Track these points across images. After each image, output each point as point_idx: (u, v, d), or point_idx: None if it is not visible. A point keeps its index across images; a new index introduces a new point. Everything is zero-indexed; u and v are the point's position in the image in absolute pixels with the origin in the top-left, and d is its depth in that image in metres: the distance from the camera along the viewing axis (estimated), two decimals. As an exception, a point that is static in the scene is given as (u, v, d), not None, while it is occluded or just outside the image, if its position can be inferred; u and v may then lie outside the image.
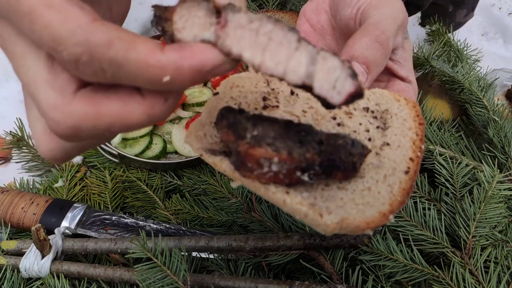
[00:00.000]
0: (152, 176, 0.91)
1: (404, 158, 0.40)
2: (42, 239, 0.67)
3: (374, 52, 0.47)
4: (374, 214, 0.35)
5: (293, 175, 0.35)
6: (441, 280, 0.59)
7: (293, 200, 0.35)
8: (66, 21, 0.27)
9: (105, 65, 0.28)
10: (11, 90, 1.11)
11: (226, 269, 0.68)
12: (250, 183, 0.36)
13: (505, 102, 1.00)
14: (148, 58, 0.28)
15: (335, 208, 0.36)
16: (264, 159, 0.35)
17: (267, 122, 0.37)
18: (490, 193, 0.64)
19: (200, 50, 0.30)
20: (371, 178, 0.39)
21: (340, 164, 0.36)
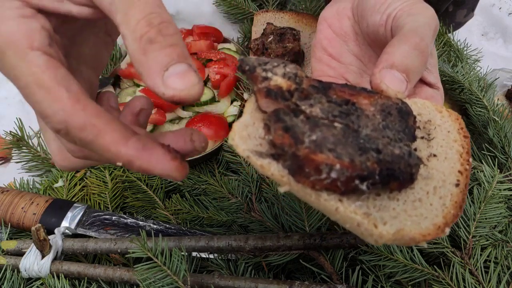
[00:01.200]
0: (152, 176, 0.91)
1: (452, 170, 0.40)
2: (42, 239, 0.67)
3: (414, 59, 0.46)
4: (429, 226, 0.35)
5: (351, 183, 0.34)
6: (441, 280, 0.59)
7: (346, 208, 0.34)
8: (52, 102, 0.33)
9: (77, 140, 0.35)
10: (11, 90, 1.11)
11: (226, 269, 0.68)
12: (302, 189, 0.35)
13: (505, 102, 1.00)
14: (110, 147, 0.35)
15: (389, 219, 0.35)
16: (325, 165, 0.34)
17: (325, 127, 0.36)
18: (490, 193, 0.64)
19: (156, 160, 0.36)
20: (421, 189, 0.38)
21: (399, 174, 0.35)
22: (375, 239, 0.34)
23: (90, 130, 0.34)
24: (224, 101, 1.00)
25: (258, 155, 0.36)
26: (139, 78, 1.02)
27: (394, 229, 0.34)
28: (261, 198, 0.80)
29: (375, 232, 0.34)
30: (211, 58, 1.05)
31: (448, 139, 0.43)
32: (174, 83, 0.34)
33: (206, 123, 0.92)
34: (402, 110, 0.42)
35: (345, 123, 0.38)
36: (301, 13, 1.12)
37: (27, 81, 0.34)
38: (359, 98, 0.42)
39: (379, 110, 0.41)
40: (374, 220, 0.34)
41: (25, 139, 0.95)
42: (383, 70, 0.45)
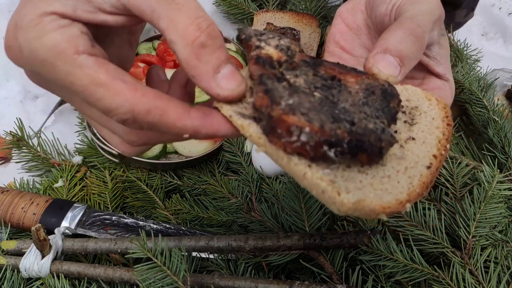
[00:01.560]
0: (152, 176, 0.91)
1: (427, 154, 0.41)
2: (42, 239, 0.67)
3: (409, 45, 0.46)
4: (391, 200, 0.36)
5: (320, 148, 0.36)
6: (441, 280, 0.59)
7: (314, 174, 0.35)
8: (115, 96, 0.35)
9: (144, 125, 0.37)
10: (11, 90, 1.11)
11: (226, 269, 0.68)
12: (274, 150, 0.37)
13: (505, 102, 1.00)
14: (176, 122, 0.37)
15: (353, 189, 0.36)
16: (295, 127, 0.35)
17: (304, 94, 0.38)
18: (490, 193, 0.64)
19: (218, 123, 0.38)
20: (392, 168, 0.39)
21: (367, 146, 0.37)
22: (338, 207, 0.35)
23: (155, 113, 0.36)
24: (224, 101, 1.00)
25: (240, 115, 0.39)
26: (139, 77, 1.02)
27: (355, 199, 0.35)
28: (261, 198, 0.80)
29: (337, 200, 0.35)
30: (211, 58, 1.05)
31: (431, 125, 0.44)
32: (227, 84, 0.38)
33: (206, 123, 0.92)
34: (386, 91, 0.43)
35: (325, 95, 0.40)
36: (301, 13, 1.12)
37: (84, 84, 0.35)
38: (346, 76, 0.44)
39: (363, 89, 0.43)
40: (338, 188, 0.35)
41: (25, 139, 0.95)
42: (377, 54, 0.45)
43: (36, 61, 0.36)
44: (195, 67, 0.37)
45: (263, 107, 0.37)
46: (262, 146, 0.38)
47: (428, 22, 0.49)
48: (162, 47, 1.07)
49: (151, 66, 0.48)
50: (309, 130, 0.35)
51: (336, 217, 0.71)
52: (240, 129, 0.38)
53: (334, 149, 0.36)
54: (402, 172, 0.39)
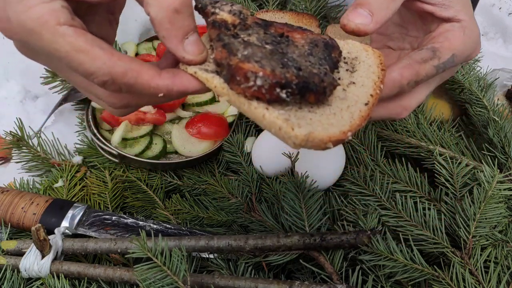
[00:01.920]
0: (152, 176, 0.91)
1: (365, 94, 0.48)
2: (42, 239, 0.67)
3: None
4: (336, 131, 0.43)
5: (273, 91, 0.42)
6: (441, 280, 0.59)
7: (271, 114, 0.42)
8: (94, 60, 0.40)
9: (122, 86, 0.42)
10: (11, 90, 1.11)
11: (226, 269, 0.68)
12: (237, 98, 0.43)
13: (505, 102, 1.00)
14: (150, 83, 0.42)
15: (304, 125, 0.42)
16: (251, 72, 0.42)
17: (256, 47, 0.45)
18: (490, 193, 0.64)
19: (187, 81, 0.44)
20: (337, 107, 0.46)
21: (313, 86, 0.43)
22: (293, 140, 0.41)
23: (130, 74, 0.41)
24: (224, 101, 1.00)
25: (204, 71, 0.45)
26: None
27: (306, 131, 0.41)
28: (261, 198, 0.80)
29: (292, 134, 0.41)
30: (211, 58, 1.05)
31: (368, 71, 0.51)
32: (192, 49, 0.44)
33: (206, 123, 0.92)
34: (328, 43, 0.50)
35: (274, 47, 0.46)
36: (301, 13, 1.12)
37: (66, 50, 0.40)
38: (293, 33, 0.51)
39: (308, 43, 0.49)
40: (292, 124, 0.41)
41: (25, 139, 0.95)
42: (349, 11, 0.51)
43: (24, 31, 0.40)
44: (166, 29, 0.42)
45: (222, 59, 0.44)
46: (226, 95, 0.44)
47: None
48: (162, 47, 1.07)
49: None
50: (262, 74, 0.42)
51: (336, 217, 0.71)
52: (205, 82, 0.45)
53: (285, 91, 0.42)
54: (345, 109, 0.46)
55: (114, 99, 0.46)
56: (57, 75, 1.04)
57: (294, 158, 0.76)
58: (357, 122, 0.45)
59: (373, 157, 0.78)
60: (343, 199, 0.72)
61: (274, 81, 0.42)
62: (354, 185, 0.74)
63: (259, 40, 0.47)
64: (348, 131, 0.43)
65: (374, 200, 0.70)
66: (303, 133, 0.41)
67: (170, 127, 0.96)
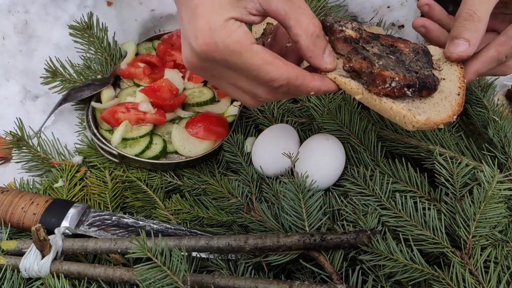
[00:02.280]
0: (152, 176, 0.91)
1: (455, 86, 0.65)
2: (42, 239, 0.67)
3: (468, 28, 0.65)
4: (445, 116, 0.59)
5: (402, 90, 0.58)
6: (441, 280, 0.59)
7: (397, 106, 0.58)
8: (278, 69, 0.53)
9: (291, 87, 0.56)
10: (11, 90, 1.11)
11: (226, 269, 0.68)
12: (369, 95, 0.59)
13: (505, 102, 1.00)
14: (309, 84, 0.57)
15: (422, 112, 0.58)
16: (389, 78, 0.57)
17: (386, 57, 0.60)
18: (490, 193, 0.64)
19: (328, 83, 0.60)
20: (438, 98, 0.62)
21: (429, 85, 0.60)
22: (413, 124, 0.57)
23: (300, 78, 0.55)
24: (224, 101, 1.00)
25: (342, 76, 0.60)
26: (139, 77, 1.03)
27: (425, 117, 0.57)
28: (261, 198, 0.80)
29: (414, 120, 0.57)
30: (211, 58, 1.05)
31: (451, 69, 0.67)
32: (329, 61, 0.60)
33: (206, 123, 0.92)
34: (425, 50, 0.67)
35: (395, 57, 0.62)
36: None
37: (259, 63, 0.52)
38: (398, 43, 0.67)
39: (412, 51, 0.66)
40: (414, 113, 0.57)
41: (25, 139, 0.95)
42: (447, 45, 0.68)
43: (228, 51, 0.51)
44: (312, 51, 0.57)
45: (363, 68, 0.59)
46: (360, 94, 0.60)
47: (479, 2, 0.65)
48: (162, 47, 1.07)
49: (277, 25, 0.63)
50: (398, 79, 0.57)
51: (336, 217, 0.71)
52: (343, 84, 0.60)
53: (411, 89, 0.58)
54: (444, 99, 0.62)
55: (271, 96, 0.58)
56: (56, 75, 1.04)
57: (294, 158, 0.76)
58: (456, 108, 0.61)
59: (373, 157, 0.78)
60: (343, 199, 0.72)
61: (405, 83, 0.58)
62: (354, 185, 0.74)
63: (380, 51, 0.62)
64: (453, 115, 0.60)
65: (374, 200, 0.70)
66: (423, 118, 0.57)
67: (170, 127, 0.96)
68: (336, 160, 0.76)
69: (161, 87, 0.98)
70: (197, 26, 0.51)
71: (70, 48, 1.08)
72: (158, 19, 1.20)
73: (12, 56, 1.09)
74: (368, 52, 0.61)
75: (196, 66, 0.55)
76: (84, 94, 1.00)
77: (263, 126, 0.91)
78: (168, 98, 0.96)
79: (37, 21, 1.09)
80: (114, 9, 1.16)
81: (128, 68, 1.03)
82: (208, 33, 0.50)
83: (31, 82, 1.10)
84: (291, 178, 0.74)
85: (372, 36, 0.66)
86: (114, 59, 1.08)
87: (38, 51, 1.09)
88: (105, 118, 0.94)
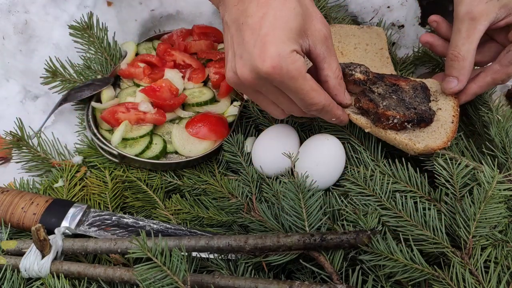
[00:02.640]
0: (152, 176, 0.91)
1: (449, 115, 0.76)
2: (42, 239, 0.67)
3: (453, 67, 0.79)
4: (441, 142, 0.71)
5: (403, 124, 0.71)
6: (441, 280, 0.59)
7: (400, 137, 0.71)
8: (319, 96, 0.65)
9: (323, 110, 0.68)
10: (11, 90, 1.11)
11: (226, 269, 0.68)
12: (377, 130, 0.73)
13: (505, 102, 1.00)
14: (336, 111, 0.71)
15: (421, 140, 0.71)
16: (392, 116, 0.70)
17: (389, 98, 0.73)
18: (490, 193, 0.64)
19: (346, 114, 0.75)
20: (435, 126, 0.74)
21: (426, 119, 0.72)
22: (414, 151, 0.70)
23: (331, 106, 0.68)
24: (224, 101, 1.00)
25: (353, 113, 0.75)
26: (139, 77, 1.03)
27: (423, 145, 0.70)
28: (261, 198, 0.80)
29: (415, 147, 0.70)
30: (211, 58, 1.05)
31: (446, 99, 0.80)
32: (348, 98, 0.74)
33: (206, 123, 0.92)
34: (423, 86, 0.78)
35: (396, 96, 0.74)
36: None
37: (307, 89, 0.63)
38: (400, 82, 0.78)
39: (411, 88, 0.77)
40: (414, 142, 0.70)
41: (25, 139, 0.95)
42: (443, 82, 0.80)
43: (288, 76, 0.61)
44: (338, 89, 0.70)
45: (370, 108, 0.72)
46: (369, 128, 0.73)
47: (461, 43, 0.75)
48: (162, 47, 1.07)
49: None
50: (399, 117, 0.70)
51: (336, 217, 0.71)
52: (354, 120, 0.74)
53: (410, 124, 0.71)
54: (440, 127, 0.74)
55: (302, 114, 0.70)
56: (56, 75, 1.04)
57: (294, 158, 0.76)
58: (450, 134, 0.73)
59: (373, 158, 0.78)
60: (343, 199, 0.72)
61: (404, 119, 0.70)
62: (354, 185, 0.74)
63: (384, 90, 0.75)
64: (447, 140, 0.72)
65: (374, 200, 0.70)
66: (422, 146, 0.70)
67: (170, 127, 0.96)
68: (336, 160, 0.76)
69: (161, 87, 0.98)
70: (267, 52, 0.60)
71: (70, 48, 1.08)
72: (158, 19, 1.20)
73: (12, 56, 1.09)
74: (374, 94, 0.73)
75: (247, 82, 0.64)
76: (84, 94, 1.00)
77: (263, 126, 0.91)
78: (168, 98, 0.96)
79: (37, 21, 1.09)
80: (114, 9, 1.16)
81: (128, 68, 1.03)
82: (277, 59, 0.59)
83: (31, 82, 1.10)
84: (291, 178, 0.74)
85: (377, 77, 0.77)
86: (114, 59, 1.08)
87: (38, 51, 1.09)
88: (105, 118, 0.94)
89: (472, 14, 0.73)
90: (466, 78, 0.77)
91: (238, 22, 0.63)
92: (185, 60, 1.05)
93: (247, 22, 0.62)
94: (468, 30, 0.74)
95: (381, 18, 1.14)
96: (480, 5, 0.73)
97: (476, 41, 0.74)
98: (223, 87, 0.99)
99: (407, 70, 1.03)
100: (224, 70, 1.01)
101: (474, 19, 0.73)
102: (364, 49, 0.95)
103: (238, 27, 0.63)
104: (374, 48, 0.95)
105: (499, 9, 0.73)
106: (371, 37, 0.97)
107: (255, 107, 0.93)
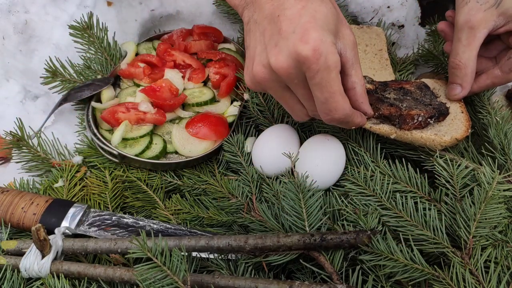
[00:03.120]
0: (152, 176, 0.91)
1: (457, 107, 0.80)
2: (42, 239, 0.67)
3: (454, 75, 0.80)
4: (463, 132, 0.74)
5: (427, 121, 0.72)
6: (441, 280, 0.59)
7: (425, 134, 0.72)
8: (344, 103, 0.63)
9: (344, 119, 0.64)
10: (11, 90, 1.11)
11: (226, 269, 0.68)
12: (403, 133, 0.72)
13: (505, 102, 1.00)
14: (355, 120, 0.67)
15: (444, 133, 0.73)
16: (417, 114, 0.71)
17: (406, 100, 0.75)
18: (490, 193, 0.64)
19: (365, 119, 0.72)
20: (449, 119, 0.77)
21: (444, 112, 0.75)
22: (441, 144, 0.72)
23: (352, 115, 0.65)
24: (224, 101, 1.00)
25: (374, 124, 0.74)
26: (139, 77, 1.03)
27: (449, 137, 0.72)
28: (261, 198, 0.80)
29: (442, 141, 0.72)
30: (211, 58, 1.05)
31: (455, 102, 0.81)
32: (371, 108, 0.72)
33: (206, 123, 0.92)
34: (426, 85, 0.81)
35: (410, 97, 0.76)
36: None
37: (336, 90, 0.60)
38: (403, 85, 0.80)
39: (416, 88, 0.79)
40: (440, 136, 0.72)
41: (25, 139, 0.95)
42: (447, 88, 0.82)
43: (326, 64, 0.57)
44: (364, 97, 0.68)
45: (393, 113, 0.72)
46: (394, 133, 0.73)
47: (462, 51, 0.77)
48: (162, 47, 1.07)
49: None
50: (423, 114, 0.72)
51: (336, 217, 0.71)
52: (377, 131, 0.74)
53: (433, 119, 0.73)
54: (454, 119, 0.77)
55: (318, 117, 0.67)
56: (56, 75, 1.04)
57: (294, 158, 0.76)
58: (466, 123, 0.76)
59: (373, 159, 0.78)
60: (343, 199, 0.72)
61: (428, 116, 0.72)
62: (355, 185, 0.74)
63: (396, 94, 0.76)
64: (467, 129, 0.74)
65: (374, 200, 0.70)
66: (448, 138, 0.72)
67: (170, 127, 0.96)
68: (337, 160, 0.76)
69: (161, 87, 0.98)
70: (309, 35, 0.56)
71: (70, 48, 1.08)
72: (158, 19, 1.20)
73: (12, 56, 1.09)
74: (389, 99, 0.74)
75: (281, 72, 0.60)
76: (84, 94, 1.00)
77: (263, 126, 0.91)
78: (168, 98, 0.96)
79: (37, 21, 1.09)
80: (114, 9, 1.16)
81: (128, 68, 1.03)
82: (319, 42, 0.56)
83: (31, 82, 1.10)
84: (291, 178, 0.74)
85: (382, 84, 0.78)
86: (114, 59, 1.08)
87: (38, 51, 1.09)
88: (105, 118, 0.94)
89: (471, 23, 0.74)
90: (469, 85, 0.78)
91: (273, 16, 0.61)
92: (185, 60, 1.05)
93: (284, 14, 0.59)
94: (468, 38, 0.75)
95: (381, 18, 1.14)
96: (479, 13, 0.74)
97: (476, 48, 0.76)
98: (223, 87, 0.99)
99: (407, 70, 1.03)
100: (224, 70, 1.01)
101: (473, 28, 0.74)
102: (364, 50, 0.95)
103: (273, 20, 0.61)
104: (373, 49, 0.95)
105: (497, 16, 0.74)
106: (371, 37, 0.97)
107: (255, 107, 0.93)
